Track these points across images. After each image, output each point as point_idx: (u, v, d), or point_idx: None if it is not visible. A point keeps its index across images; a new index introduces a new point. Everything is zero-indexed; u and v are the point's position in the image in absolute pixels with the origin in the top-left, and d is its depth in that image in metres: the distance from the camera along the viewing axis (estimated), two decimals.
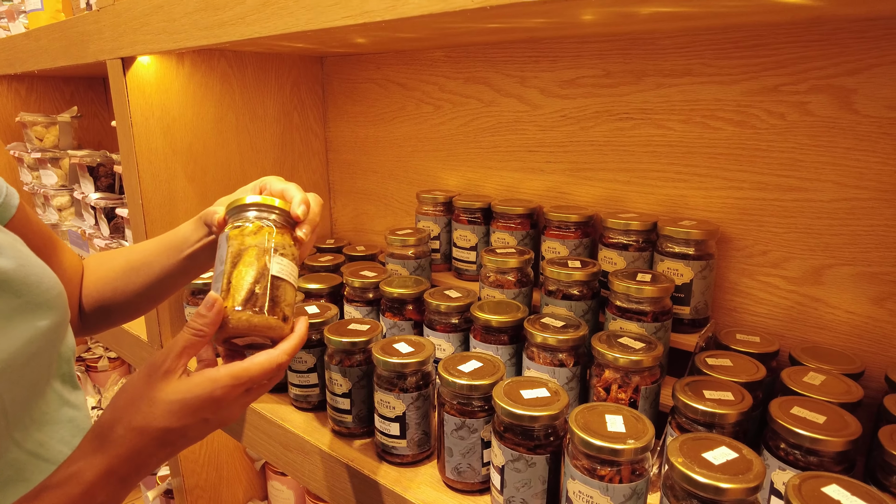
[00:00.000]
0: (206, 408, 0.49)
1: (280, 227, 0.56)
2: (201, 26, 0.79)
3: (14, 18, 1.50)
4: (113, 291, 0.72)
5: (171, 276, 0.69)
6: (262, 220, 0.56)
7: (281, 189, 0.60)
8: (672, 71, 0.79)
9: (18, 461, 0.52)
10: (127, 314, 0.75)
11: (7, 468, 0.51)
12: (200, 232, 0.66)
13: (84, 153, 1.53)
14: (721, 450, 0.52)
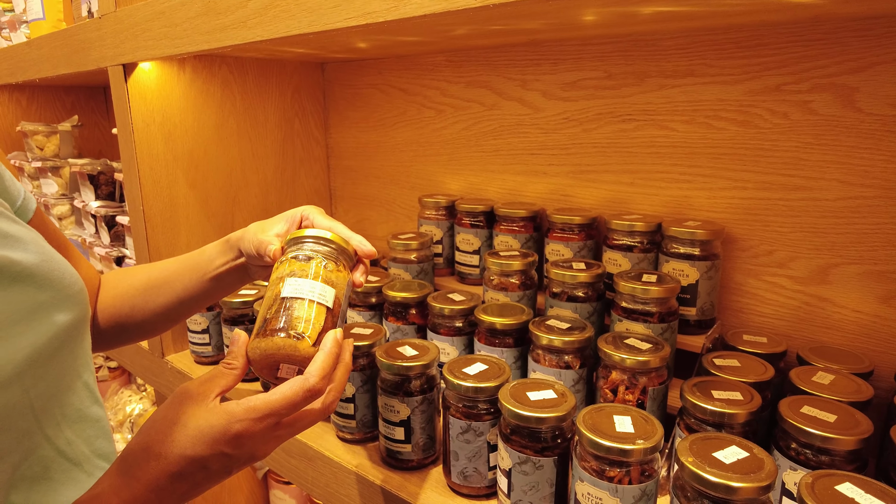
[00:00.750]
0: (223, 441, 0.46)
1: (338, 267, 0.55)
2: (203, 31, 0.79)
3: (16, 28, 1.50)
4: (131, 308, 0.71)
5: (192, 297, 0.68)
6: (304, 252, 0.55)
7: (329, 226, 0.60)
8: (674, 72, 0.79)
9: (46, 458, 0.52)
10: (143, 333, 0.73)
11: (36, 465, 0.51)
12: (227, 255, 0.65)
13: (84, 162, 1.53)
14: (731, 449, 0.51)
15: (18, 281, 0.51)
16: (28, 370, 0.49)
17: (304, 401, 0.47)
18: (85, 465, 0.57)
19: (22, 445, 0.49)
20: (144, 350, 1.12)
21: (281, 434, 0.49)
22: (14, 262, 0.51)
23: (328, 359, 0.49)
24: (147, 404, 1.77)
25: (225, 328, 0.96)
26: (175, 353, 1.08)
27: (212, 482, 0.48)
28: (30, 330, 0.50)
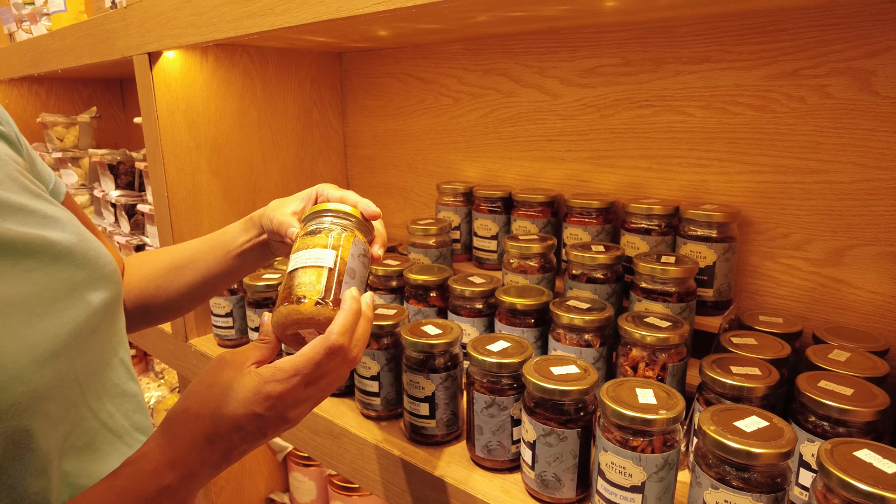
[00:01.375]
0: (255, 402, 0.48)
1: (342, 230, 0.57)
2: (229, 19, 0.81)
3: (37, 21, 1.53)
4: (156, 289, 0.73)
5: (217, 276, 0.71)
6: (310, 227, 0.58)
7: (340, 195, 0.62)
8: (691, 58, 0.81)
9: (92, 430, 0.54)
10: (168, 313, 0.76)
11: (83, 436, 0.53)
12: (250, 233, 0.68)
13: (105, 152, 1.56)
14: (752, 419, 0.53)
15: (59, 260, 0.53)
16: (73, 344, 0.51)
17: (326, 357, 0.49)
18: (125, 437, 0.59)
19: (70, 415, 0.51)
20: (168, 334, 1.15)
21: (311, 395, 0.50)
22: (54, 241, 0.53)
23: (347, 315, 0.50)
24: (165, 391, 1.80)
25: (249, 311, 0.98)
26: (198, 336, 1.11)
27: (247, 444, 0.50)
28: (71, 307, 0.52)
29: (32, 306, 0.48)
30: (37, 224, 0.53)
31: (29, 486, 0.47)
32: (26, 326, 0.47)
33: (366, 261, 0.58)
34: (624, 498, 0.55)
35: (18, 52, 1.48)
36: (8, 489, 0.45)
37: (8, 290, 0.47)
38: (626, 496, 0.55)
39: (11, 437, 0.44)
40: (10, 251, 0.49)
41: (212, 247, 0.72)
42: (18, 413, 0.44)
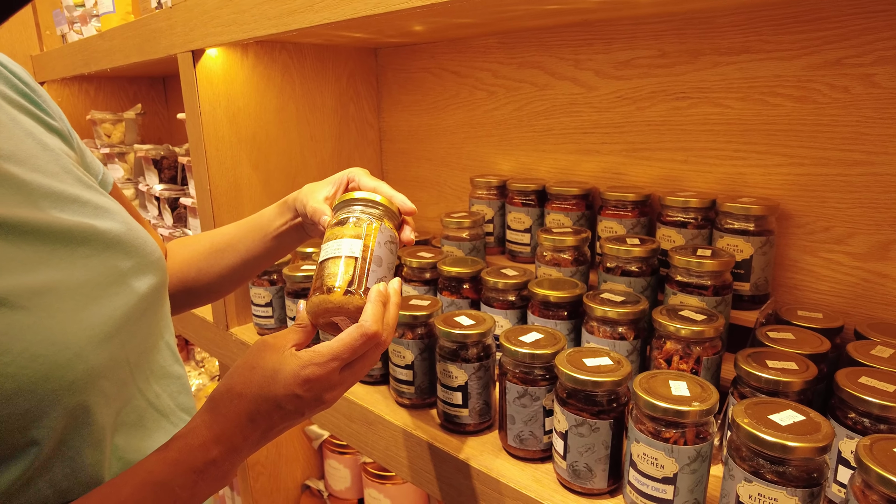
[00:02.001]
0: (295, 383, 0.50)
1: (371, 220, 0.59)
2: (270, 16, 0.83)
3: (87, 22, 1.59)
4: (197, 272, 0.77)
5: (255, 258, 0.74)
6: (340, 216, 0.60)
7: (373, 185, 0.64)
8: (729, 49, 0.80)
9: (140, 408, 0.58)
10: (209, 295, 0.80)
11: (132, 413, 0.56)
12: (285, 216, 0.71)
13: (149, 147, 1.61)
14: (787, 413, 0.53)
15: (109, 248, 0.56)
16: (124, 327, 0.54)
17: (362, 344, 0.52)
18: (171, 416, 0.62)
19: (122, 394, 0.54)
20: (209, 323, 1.19)
21: (345, 378, 0.53)
22: (105, 231, 0.56)
23: (375, 305, 0.53)
24: (205, 379, 1.86)
25: (288, 301, 1.01)
26: (239, 325, 1.14)
27: (286, 423, 0.53)
28: (122, 292, 0.55)
29: (88, 291, 0.52)
30: (90, 214, 0.56)
31: (86, 457, 0.50)
32: (83, 310, 0.50)
33: (393, 247, 0.60)
34: (656, 489, 0.56)
35: (70, 53, 1.55)
36: (68, 460, 0.48)
37: (66, 276, 0.50)
38: (658, 487, 0.55)
39: (73, 412, 0.47)
40: (67, 240, 0.52)
41: (249, 230, 0.75)
42: (79, 389, 0.48)
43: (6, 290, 0.45)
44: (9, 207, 0.49)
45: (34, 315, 0.46)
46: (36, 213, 0.51)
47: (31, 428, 0.45)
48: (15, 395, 0.44)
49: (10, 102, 0.59)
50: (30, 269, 0.48)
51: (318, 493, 1.36)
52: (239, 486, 1.33)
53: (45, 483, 0.48)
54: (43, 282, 0.48)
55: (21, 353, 0.44)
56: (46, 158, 0.56)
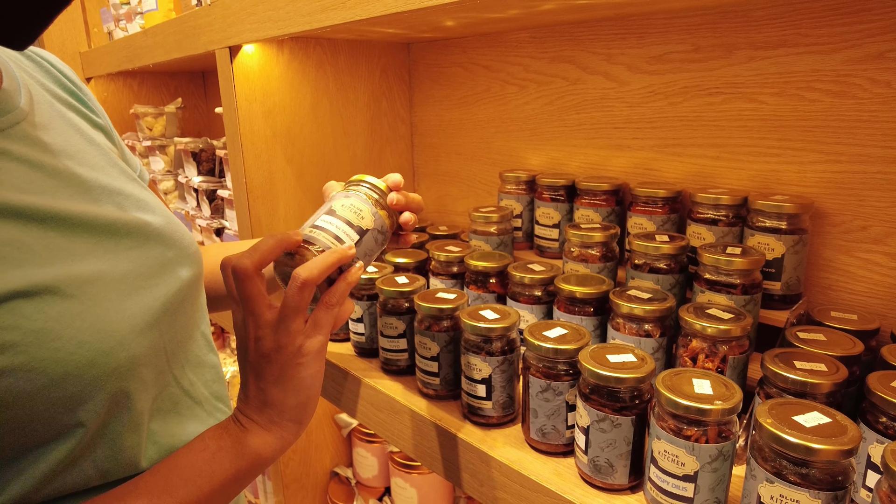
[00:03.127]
0: (261, 362, 0.55)
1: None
2: (304, 13, 0.85)
3: (131, 19, 1.64)
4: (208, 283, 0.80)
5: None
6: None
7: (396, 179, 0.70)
8: (765, 43, 0.78)
9: (175, 395, 0.60)
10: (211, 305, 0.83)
11: (167, 400, 0.59)
12: None
13: (188, 140, 1.66)
14: (813, 414, 0.52)
15: (151, 240, 0.58)
16: (163, 317, 0.56)
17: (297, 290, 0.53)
18: (204, 404, 0.65)
19: (158, 381, 0.57)
20: None
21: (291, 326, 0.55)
22: (148, 223, 0.59)
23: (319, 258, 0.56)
24: None
25: None
26: None
27: (271, 378, 0.55)
28: (162, 283, 0.57)
29: (131, 281, 0.54)
30: (133, 207, 0.58)
31: (126, 440, 0.53)
32: (127, 299, 0.53)
33: (382, 235, 0.65)
34: (676, 486, 0.56)
35: (116, 49, 1.60)
36: (110, 442, 0.51)
37: (111, 267, 0.53)
38: (679, 485, 0.55)
39: (115, 397, 0.50)
40: (112, 231, 0.55)
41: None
42: (121, 376, 0.50)
43: (58, 279, 0.48)
44: (61, 200, 0.52)
45: (82, 303, 0.49)
46: (85, 206, 0.54)
47: (77, 410, 0.48)
48: (63, 379, 0.46)
49: (59, 101, 0.62)
50: (79, 260, 0.51)
51: (346, 480, 1.39)
52: (270, 471, 1.37)
53: (89, 463, 0.51)
54: (91, 272, 0.51)
55: (70, 340, 0.47)
56: (93, 153, 0.59)
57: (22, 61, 0.61)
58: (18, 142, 0.52)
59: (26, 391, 0.45)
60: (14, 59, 0.59)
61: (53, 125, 0.57)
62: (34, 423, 0.46)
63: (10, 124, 0.52)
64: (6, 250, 0.46)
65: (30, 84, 0.58)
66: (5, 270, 0.45)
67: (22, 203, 0.48)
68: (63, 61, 0.67)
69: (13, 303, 0.45)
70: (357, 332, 0.97)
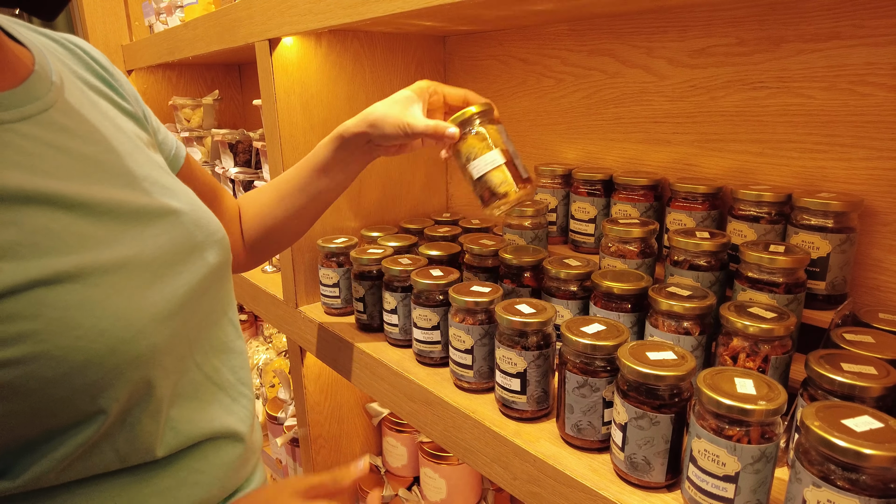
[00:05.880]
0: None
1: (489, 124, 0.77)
2: (344, 5, 0.86)
3: (172, 13, 1.67)
4: (274, 220, 0.85)
5: (322, 193, 0.84)
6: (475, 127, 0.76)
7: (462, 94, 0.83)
8: (816, 35, 0.76)
9: (196, 381, 0.60)
10: (289, 236, 0.89)
11: (187, 386, 0.59)
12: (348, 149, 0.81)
13: (225, 131, 1.69)
14: (863, 418, 0.51)
15: (177, 227, 0.59)
16: (186, 305, 0.56)
17: None
18: (229, 390, 0.65)
19: (178, 368, 0.57)
20: (279, 301, 1.25)
21: None
22: (175, 209, 0.59)
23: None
24: (272, 354, 1.95)
25: (354, 283, 1.04)
26: (308, 304, 1.19)
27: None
28: (187, 270, 0.58)
29: (155, 268, 0.54)
30: (160, 192, 0.59)
31: (145, 426, 0.53)
32: (149, 287, 0.53)
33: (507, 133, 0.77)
34: (716, 486, 0.55)
35: (157, 42, 1.64)
36: (129, 427, 0.52)
37: (136, 254, 0.53)
38: (719, 485, 0.55)
39: (136, 385, 0.50)
40: (138, 218, 0.55)
41: (310, 171, 0.83)
42: (142, 364, 0.50)
43: (80, 267, 0.48)
44: (89, 186, 0.52)
45: (104, 291, 0.49)
46: (112, 192, 0.54)
47: (99, 397, 0.48)
48: (85, 366, 0.47)
49: (90, 87, 0.63)
50: (104, 247, 0.51)
51: (376, 469, 1.41)
52: (302, 457, 1.39)
53: (109, 447, 0.51)
54: (115, 259, 0.51)
55: (91, 328, 0.47)
56: (121, 139, 0.59)
57: (54, 48, 0.62)
58: (48, 127, 0.52)
59: (48, 378, 0.45)
60: (46, 45, 0.60)
61: (83, 111, 0.57)
62: (56, 409, 0.47)
63: (41, 110, 0.52)
64: (32, 237, 0.46)
65: (61, 70, 0.59)
66: (30, 259, 0.45)
67: (50, 189, 0.49)
68: (105, 54, 0.68)
69: (35, 291, 0.45)
70: (391, 324, 0.98)
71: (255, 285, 1.37)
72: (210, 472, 0.60)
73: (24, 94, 0.52)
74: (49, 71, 0.56)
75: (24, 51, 0.56)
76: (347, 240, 1.11)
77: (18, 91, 0.51)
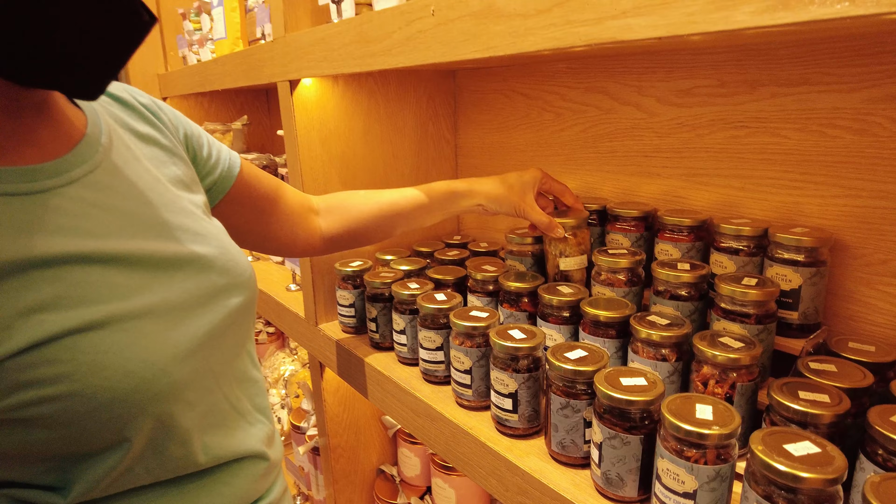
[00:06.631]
0: None
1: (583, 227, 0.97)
2: (355, 56, 0.94)
3: (203, 45, 1.79)
4: (366, 230, 0.97)
5: (414, 223, 0.97)
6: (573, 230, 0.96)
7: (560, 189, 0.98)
8: (788, 80, 0.81)
9: (223, 411, 0.67)
10: (371, 242, 1.01)
11: (217, 415, 0.65)
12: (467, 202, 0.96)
13: (253, 156, 1.80)
14: (804, 444, 0.56)
15: (204, 271, 0.64)
16: (207, 342, 0.62)
17: None
18: (247, 416, 0.71)
19: (206, 399, 0.63)
20: (301, 319, 1.34)
21: None
22: (202, 255, 0.64)
23: None
24: (298, 366, 2.04)
25: (368, 304, 1.12)
26: (326, 322, 1.28)
27: None
28: (210, 311, 0.63)
29: (179, 311, 0.59)
30: (191, 240, 0.64)
31: (172, 451, 0.60)
32: (173, 329, 0.58)
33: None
34: (678, 502, 0.61)
35: (190, 74, 1.76)
36: (157, 453, 0.59)
37: (163, 299, 0.58)
38: (680, 501, 0.61)
39: (159, 418, 0.57)
40: (167, 266, 0.60)
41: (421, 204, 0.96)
42: (163, 400, 0.56)
43: (111, 315, 0.54)
44: (125, 240, 0.58)
45: (131, 336, 0.54)
46: (146, 244, 0.59)
47: (124, 429, 0.55)
48: (111, 403, 0.53)
49: (137, 135, 0.68)
50: (134, 295, 0.56)
51: (391, 478, 1.49)
52: (322, 466, 1.48)
53: (141, 468, 0.58)
54: (143, 305, 0.56)
55: (117, 370, 0.53)
56: (159, 190, 0.65)
57: (107, 101, 0.68)
58: (92, 187, 0.58)
59: (80, 412, 0.52)
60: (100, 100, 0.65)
61: (126, 168, 0.62)
62: (87, 438, 0.54)
63: (87, 172, 0.58)
64: (71, 290, 0.52)
65: (110, 123, 0.64)
66: (68, 309, 0.52)
67: (89, 248, 0.55)
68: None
69: (72, 338, 0.51)
70: (400, 343, 1.06)
71: (279, 303, 1.46)
72: (236, 485, 0.68)
73: (74, 159, 0.58)
74: (99, 133, 0.62)
75: (78, 114, 0.62)
76: (362, 263, 1.19)
77: (69, 157, 0.58)
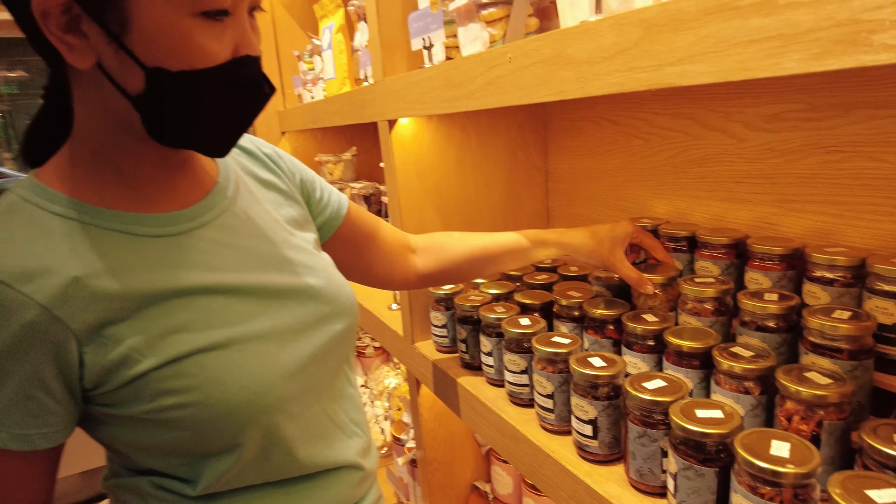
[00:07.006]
0: None
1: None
2: (443, 99, 1.02)
3: (316, 84, 1.97)
4: (457, 270, 1.03)
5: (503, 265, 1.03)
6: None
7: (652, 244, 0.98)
8: (887, 102, 0.77)
9: (323, 424, 0.76)
10: (461, 280, 1.10)
11: (317, 428, 0.74)
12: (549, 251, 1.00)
13: (360, 185, 1.94)
14: (889, 491, 0.54)
15: (312, 299, 0.74)
16: (311, 363, 0.71)
17: None
18: (345, 429, 0.79)
19: (307, 413, 0.72)
20: (400, 336, 1.43)
21: None
22: (311, 286, 0.74)
23: None
24: (401, 379, 2.15)
25: (458, 326, 1.19)
26: (422, 340, 1.36)
27: None
28: (314, 335, 0.72)
29: (288, 335, 0.69)
30: (303, 273, 0.74)
31: (276, 457, 0.69)
32: (281, 351, 0.68)
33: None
34: None
35: (303, 112, 1.94)
36: (264, 458, 0.68)
37: (274, 324, 0.68)
38: None
39: (266, 427, 0.66)
40: (279, 295, 0.70)
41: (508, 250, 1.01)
42: (271, 412, 0.66)
43: (230, 338, 0.64)
44: (244, 274, 0.68)
45: (246, 356, 0.64)
46: (261, 276, 0.70)
47: (237, 435, 0.65)
48: (227, 414, 0.63)
49: (259, 181, 0.79)
50: (249, 320, 0.66)
51: (485, 495, 1.53)
52: (420, 477, 1.55)
53: (253, 469, 0.68)
54: (257, 330, 0.66)
55: (232, 385, 0.63)
56: (276, 230, 0.75)
57: (236, 152, 0.80)
58: (220, 229, 0.69)
59: (200, 419, 0.62)
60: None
61: (249, 211, 0.73)
62: (208, 441, 0.64)
63: (217, 216, 0.70)
64: (200, 315, 0.63)
65: (237, 171, 0.75)
66: (197, 332, 0.63)
67: (216, 280, 0.66)
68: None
69: (197, 356, 0.62)
70: (487, 364, 1.11)
71: (381, 321, 1.57)
72: (333, 490, 0.77)
73: (207, 205, 0.71)
74: (228, 181, 0.74)
75: (212, 164, 0.75)
76: (454, 286, 1.26)
77: (203, 203, 0.71)
